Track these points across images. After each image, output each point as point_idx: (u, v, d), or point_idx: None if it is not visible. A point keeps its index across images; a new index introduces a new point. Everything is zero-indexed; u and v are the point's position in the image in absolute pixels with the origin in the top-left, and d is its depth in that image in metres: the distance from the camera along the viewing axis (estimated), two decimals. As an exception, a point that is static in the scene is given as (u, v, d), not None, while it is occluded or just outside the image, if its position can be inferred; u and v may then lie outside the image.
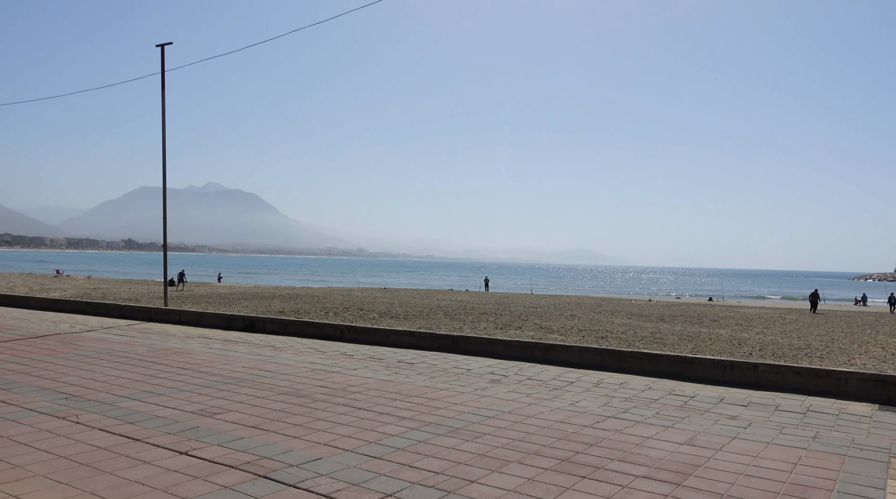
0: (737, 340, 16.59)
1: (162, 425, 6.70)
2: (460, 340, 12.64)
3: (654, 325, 20.86)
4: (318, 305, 24.56)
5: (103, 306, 18.80)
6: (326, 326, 14.34)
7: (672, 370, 10.62)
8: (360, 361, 11.33)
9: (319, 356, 11.77)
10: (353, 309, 22.78)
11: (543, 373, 10.62)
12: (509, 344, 12.12)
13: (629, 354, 11.00)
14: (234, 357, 11.39)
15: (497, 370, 10.76)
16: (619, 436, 6.82)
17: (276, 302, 25.77)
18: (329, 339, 14.09)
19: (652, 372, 10.72)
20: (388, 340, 13.45)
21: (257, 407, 7.64)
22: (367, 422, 7.09)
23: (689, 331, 18.84)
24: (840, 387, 9.39)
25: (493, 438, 6.59)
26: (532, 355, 11.85)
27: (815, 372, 9.60)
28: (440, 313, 22.03)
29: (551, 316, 23.08)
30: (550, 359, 11.68)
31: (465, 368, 10.93)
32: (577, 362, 11.43)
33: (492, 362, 11.53)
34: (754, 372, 10.02)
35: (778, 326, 22.68)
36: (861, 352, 14.70)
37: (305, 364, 10.86)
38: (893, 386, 9.05)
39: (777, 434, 7.10)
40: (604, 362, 11.19)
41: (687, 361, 10.53)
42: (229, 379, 9.37)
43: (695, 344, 14.94)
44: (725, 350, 13.96)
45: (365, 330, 13.81)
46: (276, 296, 30.97)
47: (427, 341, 13.00)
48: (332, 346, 13.11)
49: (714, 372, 10.30)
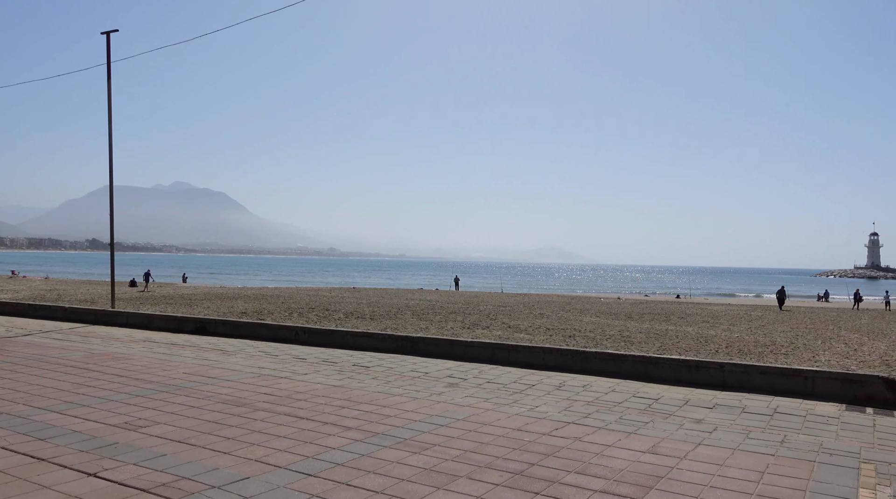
0: (703, 337, 16.49)
1: (76, 442, 6.04)
2: (420, 341, 12.12)
3: (622, 323, 20.75)
4: (283, 305, 23.89)
5: (46, 309, 17.79)
6: (281, 329, 13.68)
7: (637, 371, 10.25)
8: (313, 366, 10.73)
9: (270, 360, 11.14)
10: (318, 309, 22.21)
11: (504, 375, 10.16)
12: (470, 345, 11.65)
13: (593, 354, 10.60)
14: (176, 362, 10.69)
15: (456, 373, 10.27)
16: (579, 444, 6.38)
17: (239, 303, 25.02)
18: (283, 341, 13.44)
19: (616, 373, 10.34)
20: (345, 343, 12.86)
21: (189, 418, 7.01)
22: (308, 433, 6.52)
23: (656, 329, 18.75)
24: (807, 386, 9.12)
25: (442, 449, 6.09)
26: (493, 357, 11.39)
27: (781, 371, 9.32)
28: (408, 313, 21.61)
29: (520, 315, 22.80)
30: (512, 360, 11.23)
31: (422, 371, 10.42)
32: (540, 364, 11.00)
33: (451, 365, 11.04)
34: (720, 372, 9.71)
35: (744, 323, 22.78)
36: (825, 348, 14.70)
37: (253, 369, 10.22)
38: (860, 385, 8.81)
39: (744, 439, 6.74)
40: (567, 364, 10.79)
41: (652, 362, 10.18)
42: (166, 386, 8.71)
43: (662, 342, 14.80)
44: (692, 348, 13.78)
45: (321, 332, 13.19)
46: (240, 296, 30.16)
47: (385, 343, 12.44)
48: (286, 349, 12.47)
49: (680, 372, 9.96)
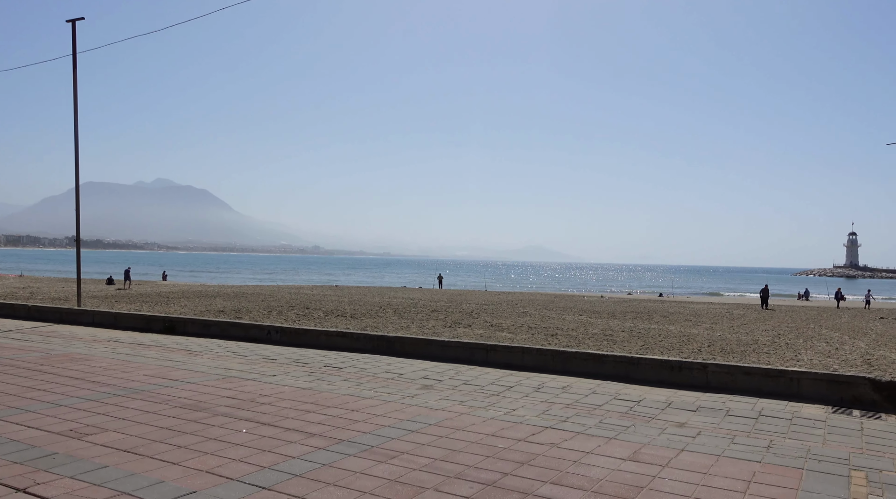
0: (686, 336, 16.36)
1: (12, 452, 5.57)
2: (396, 341, 11.72)
3: (604, 321, 20.61)
4: (263, 303, 23.43)
5: (8, 307, 17.12)
6: (252, 328, 13.20)
7: (618, 372, 9.94)
8: (283, 367, 10.29)
9: (238, 361, 10.68)
10: (298, 308, 21.79)
11: (481, 377, 9.80)
12: (447, 345, 11.27)
13: (573, 355, 10.27)
14: (139, 363, 10.20)
15: (431, 374, 9.89)
16: (556, 451, 6.02)
17: (218, 301, 24.49)
18: (255, 341, 12.97)
19: (597, 374, 10.02)
20: (318, 342, 12.42)
21: (142, 425, 6.56)
22: (268, 441, 6.10)
23: (639, 327, 18.61)
24: (792, 388, 8.86)
25: (411, 457, 5.71)
26: (472, 357, 11.02)
27: (765, 372, 9.05)
28: (389, 312, 21.28)
29: (503, 313, 22.54)
30: (491, 361, 10.87)
31: (396, 372, 10.02)
32: (519, 364, 10.65)
33: (427, 365, 10.66)
34: (703, 373, 9.42)
35: (726, 321, 22.73)
36: (807, 347, 14.58)
37: (219, 371, 9.76)
38: (846, 386, 8.56)
39: (728, 444, 6.43)
40: (546, 364, 10.45)
41: (633, 362, 9.87)
42: (123, 390, 8.23)
43: (644, 341, 14.62)
44: (675, 347, 13.56)
45: (294, 332, 12.74)
46: (219, 294, 29.59)
47: (360, 343, 12.03)
48: (257, 349, 12.01)
49: (662, 373, 9.66)
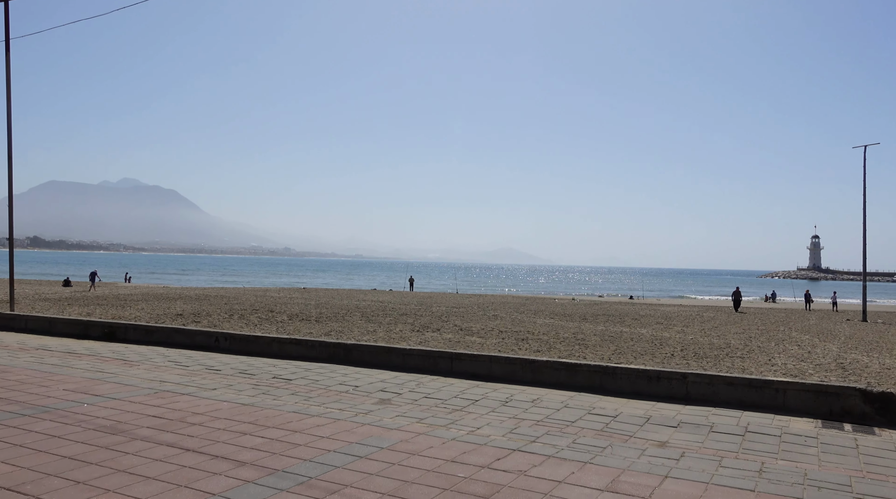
0: (658, 339, 16.07)
1: None
2: (353, 349, 10.84)
3: (576, 325, 20.27)
4: (225, 306, 22.49)
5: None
6: (199, 334, 12.18)
7: (592, 382, 9.22)
8: (226, 378, 9.33)
9: (178, 372, 9.68)
10: (262, 311, 21.00)
11: (445, 388, 8.98)
12: (409, 353, 10.43)
13: (544, 364, 9.52)
14: (62, 376, 9.13)
15: (390, 386, 9.04)
16: (524, 481, 5.24)
17: (178, 304, 23.46)
18: (201, 349, 11.96)
19: (569, 384, 9.28)
20: (269, 350, 11.46)
21: (41, 453, 5.59)
22: (188, 473, 5.19)
23: (611, 330, 18.34)
24: (777, 400, 8.23)
25: (355, 492, 4.86)
26: (435, 366, 10.20)
27: (749, 383, 8.41)
28: (356, 315, 20.66)
29: (473, 317, 22.03)
30: (456, 370, 10.06)
31: (352, 384, 9.15)
32: (486, 374, 9.86)
33: (387, 376, 9.80)
34: (683, 383, 8.75)
35: (697, 324, 22.53)
36: (779, 350, 14.33)
37: (153, 384, 8.77)
38: (835, 398, 7.96)
39: (716, 468, 5.72)
40: (515, 374, 9.68)
41: (608, 372, 9.15)
42: (34, 408, 7.21)
43: (617, 345, 14.23)
44: (647, 351, 13.20)
45: (244, 339, 11.76)
46: (181, 297, 28.44)
47: (315, 351, 11.11)
48: (202, 358, 11.01)
49: (639, 384, 8.96)
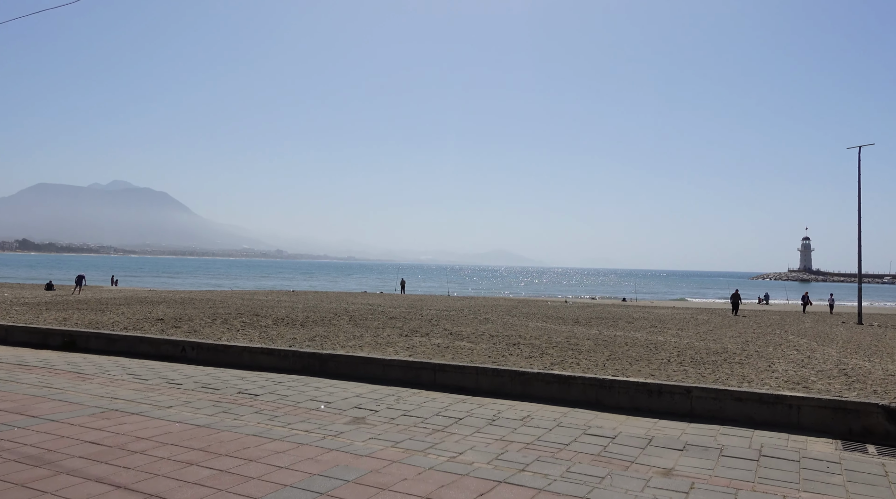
0: (653, 343, 15.63)
1: None
2: (329, 359, 10.02)
3: (569, 328, 19.79)
4: (210, 310, 21.69)
5: None
6: (165, 343, 11.32)
7: (588, 397, 8.44)
8: (187, 394, 8.49)
9: (134, 387, 8.83)
10: (246, 315, 20.26)
11: (426, 405, 8.18)
12: (389, 364, 9.62)
13: (535, 376, 8.74)
14: (2, 393, 8.27)
15: (366, 402, 8.23)
16: (509, 525, 4.45)
17: (161, 308, 22.61)
18: (167, 359, 11.10)
19: (563, 399, 8.50)
20: (240, 361, 10.63)
21: (-58, 493, 4.76)
22: (111, 518, 4.37)
23: (604, 334, 17.86)
24: (791, 417, 7.49)
25: (306, 543, 4.06)
26: (417, 379, 9.40)
27: (759, 398, 7.65)
28: (344, 319, 20.03)
29: (464, 320, 21.36)
30: (440, 383, 9.26)
31: (325, 399, 8.32)
32: (472, 387, 9.08)
33: (364, 390, 8.99)
34: (687, 398, 7.99)
35: (692, 327, 21.95)
36: (778, 355, 13.90)
37: (102, 401, 7.92)
38: (855, 415, 7.22)
39: (732, 505, 4.96)
40: (504, 387, 8.89)
41: (605, 385, 8.38)
42: (-44, 433, 6.35)
43: (611, 350, 13.75)
44: (643, 356, 12.71)
45: (212, 348, 10.91)
46: (166, 300, 27.55)
47: (288, 362, 10.29)
48: (164, 370, 10.15)
49: (638, 398, 8.20)
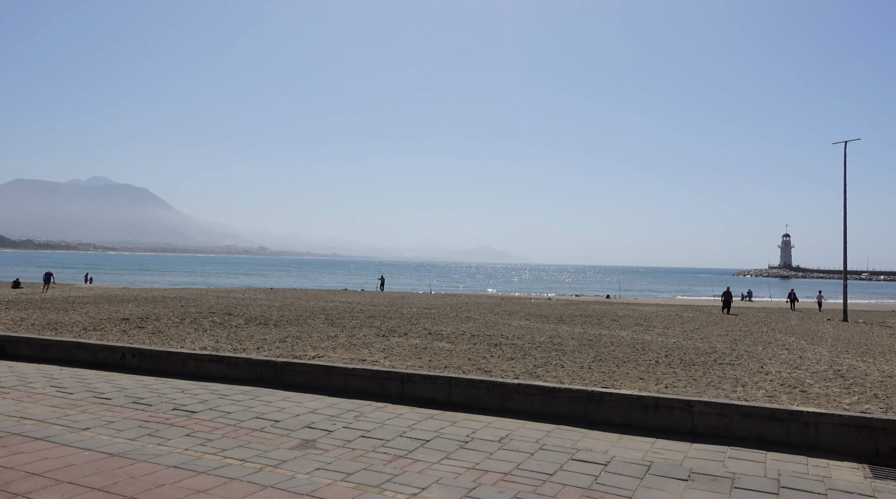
0: (639, 343, 14.91)
1: None
2: (285, 368, 8.89)
3: (552, 327, 19.12)
4: (181, 309, 20.58)
5: None
6: (103, 350, 10.11)
7: (574, 411, 7.41)
8: (112, 411, 7.32)
9: (53, 403, 7.64)
10: (218, 314, 19.29)
11: (390, 422, 7.09)
12: (352, 374, 8.51)
13: (515, 388, 7.68)
14: None
15: (321, 420, 7.12)
16: None
17: (130, 306, 21.42)
18: (104, 367, 9.90)
19: (547, 414, 7.47)
20: (185, 370, 9.45)
21: None
22: None
23: (589, 333, 17.15)
24: (808, 436, 6.51)
25: None
26: (382, 390, 8.31)
27: (772, 415, 6.67)
28: (320, 318, 19.18)
29: (445, 318, 20.45)
30: (408, 395, 8.18)
31: (272, 417, 7.20)
32: (444, 400, 8.00)
33: (321, 404, 7.88)
34: (688, 414, 6.99)
35: (677, 325, 21.28)
36: (769, 356, 13.18)
37: (6, 424, 6.70)
38: (882, 435, 6.26)
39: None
40: (480, 400, 7.83)
41: (595, 399, 7.35)
42: None
43: (596, 350, 12.96)
44: (630, 357, 12.01)
45: (155, 355, 9.72)
46: (137, 298, 26.23)
47: (239, 370, 9.14)
48: (97, 380, 8.95)
49: (632, 414, 7.18)
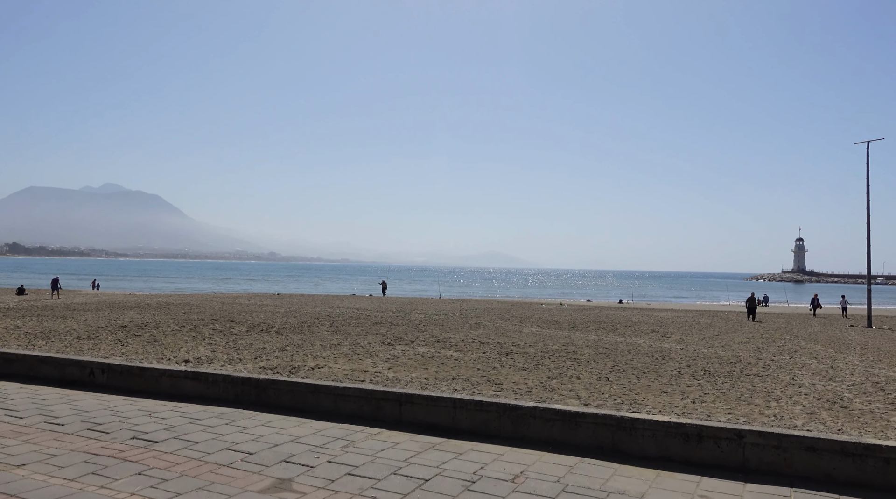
0: (659, 352, 14.00)
1: None
2: (269, 387, 7.82)
3: (565, 333, 18.23)
4: (183, 316, 19.84)
5: None
6: (70, 365, 9.08)
7: (601, 441, 6.28)
8: (60, 441, 6.27)
9: None
10: (221, 321, 18.63)
11: (383, 454, 6.00)
12: (342, 394, 7.43)
13: (531, 412, 6.56)
14: None
15: (303, 451, 6.04)
16: None
17: (131, 313, 20.71)
18: (70, 384, 8.87)
19: (568, 444, 6.35)
20: (158, 388, 8.41)
21: None
22: None
23: (604, 341, 16.28)
24: (889, 476, 5.35)
25: None
26: (378, 412, 7.22)
27: (842, 448, 5.51)
28: (325, 325, 18.43)
29: (454, 325, 19.53)
30: (406, 419, 7.09)
31: (245, 448, 6.12)
32: (448, 425, 6.89)
33: (305, 429, 6.80)
34: (738, 446, 5.84)
35: (695, 332, 20.20)
36: (797, 365, 12.23)
37: (-68, 455, 5.72)
38: (982, 475, 5.10)
39: None
40: (490, 425, 6.72)
41: (625, 426, 6.22)
42: None
43: (613, 360, 12.14)
44: (650, 368, 11.16)
45: (126, 371, 8.68)
46: (140, 305, 25.51)
47: (218, 389, 8.09)
48: (57, 401, 7.92)
49: (670, 444, 6.05)
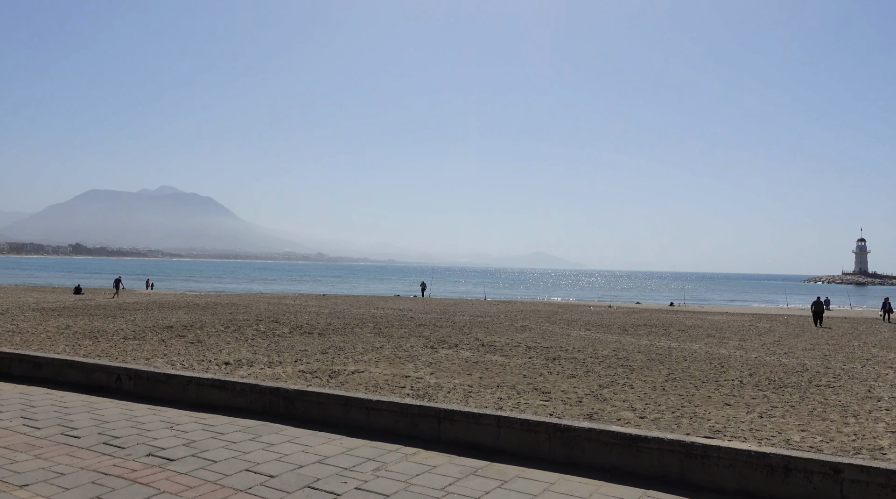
0: (716, 359, 13.13)
1: None
2: (298, 398, 7.24)
3: (615, 338, 17.47)
4: (229, 316, 19.91)
5: None
6: (97, 370, 8.73)
7: (668, 470, 5.45)
8: (73, 457, 5.82)
9: (7, 443, 6.18)
10: (265, 321, 18.51)
11: (418, 482, 5.32)
12: (376, 407, 6.78)
13: (586, 435, 5.77)
14: None
15: (328, 475, 5.40)
16: None
17: (179, 313, 20.86)
18: (96, 390, 8.51)
19: (629, 473, 5.53)
20: (184, 396, 7.94)
21: None
22: None
23: (657, 346, 15.47)
24: None
25: None
26: (414, 429, 6.55)
27: (970, 489, 4.55)
28: (368, 326, 18.08)
29: (499, 328, 18.95)
30: (445, 438, 6.39)
31: (266, 470, 5.53)
32: (492, 446, 6.17)
33: (334, 448, 6.17)
34: (835, 482, 4.93)
35: (754, 337, 18.98)
36: (873, 376, 11.32)
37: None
38: None
39: None
40: (539, 448, 5.96)
41: (696, 454, 5.36)
42: None
43: (668, 367, 11.46)
44: (709, 377, 10.38)
45: (152, 378, 8.26)
46: (188, 305, 25.80)
47: (245, 399, 7.56)
48: (79, 409, 7.53)
49: (751, 478, 5.17)
